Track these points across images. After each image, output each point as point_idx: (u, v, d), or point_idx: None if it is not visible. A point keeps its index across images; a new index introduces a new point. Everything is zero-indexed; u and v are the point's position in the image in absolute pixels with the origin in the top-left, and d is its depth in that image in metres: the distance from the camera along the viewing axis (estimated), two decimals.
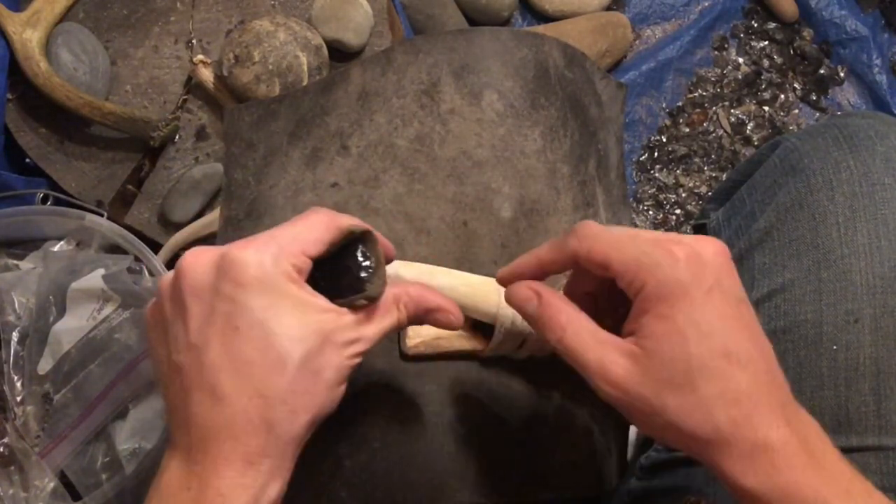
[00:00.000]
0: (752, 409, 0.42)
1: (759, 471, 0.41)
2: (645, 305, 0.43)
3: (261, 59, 0.90)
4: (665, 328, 0.42)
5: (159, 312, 0.46)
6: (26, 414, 0.80)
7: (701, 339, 0.42)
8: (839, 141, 0.61)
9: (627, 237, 0.44)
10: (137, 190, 0.97)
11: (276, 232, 0.46)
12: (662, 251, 0.43)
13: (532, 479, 0.61)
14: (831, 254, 0.57)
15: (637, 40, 1.31)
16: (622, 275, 0.44)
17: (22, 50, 0.90)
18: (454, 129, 0.66)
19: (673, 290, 0.42)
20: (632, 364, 0.43)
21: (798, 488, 0.41)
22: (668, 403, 0.42)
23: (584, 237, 0.45)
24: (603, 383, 0.43)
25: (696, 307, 0.42)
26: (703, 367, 0.41)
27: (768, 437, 0.41)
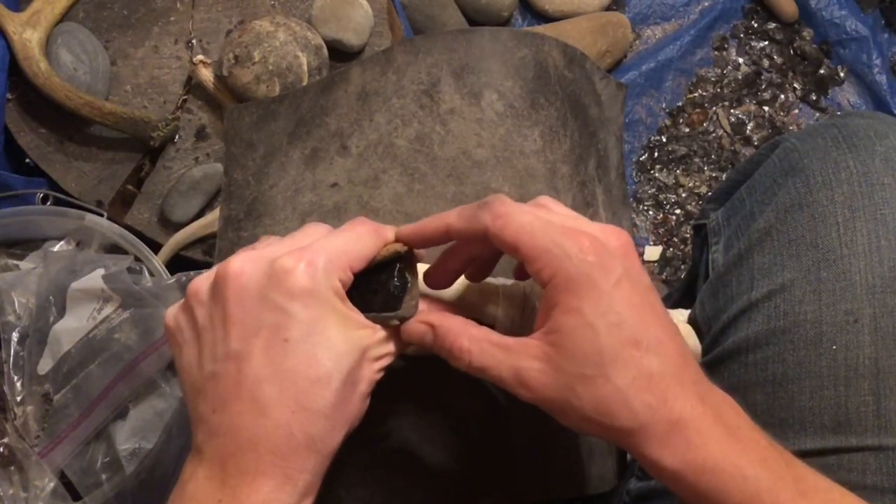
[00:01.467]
0: (665, 390, 0.42)
1: (677, 449, 0.42)
2: (554, 298, 0.43)
3: (261, 59, 0.90)
4: (574, 322, 0.42)
5: (190, 317, 0.45)
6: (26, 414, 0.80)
7: (610, 329, 0.42)
8: (839, 141, 0.61)
9: (540, 223, 0.44)
10: (137, 190, 0.97)
11: (325, 243, 0.45)
12: (571, 242, 0.43)
13: (532, 480, 0.61)
14: (831, 254, 0.57)
15: (637, 40, 1.31)
16: (531, 261, 0.43)
17: (22, 50, 0.90)
18: (454, 129, 0.66)
19: (581, 282, 0.42)
20: (545, 365, 0.43)
21: (715, 461, 0.42)
22: (584, 397, 0.42)
23: (498, 215, 0.44)
24: (522, 391, 0.44)
25: (605, 299, 0.42)
26: (615, 357, 0.42)
27: (682, 415, 0.42)
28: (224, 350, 0.43)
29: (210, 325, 0.44)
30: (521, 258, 0.44)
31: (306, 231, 0.48)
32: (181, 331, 0.46)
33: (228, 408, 0.42)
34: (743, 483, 0.42)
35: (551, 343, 0.43)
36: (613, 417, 0.42)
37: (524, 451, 0.61)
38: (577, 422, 0.43)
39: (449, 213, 0.47)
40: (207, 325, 0.44)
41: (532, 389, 0.43)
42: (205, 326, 0.44)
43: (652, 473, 0.44)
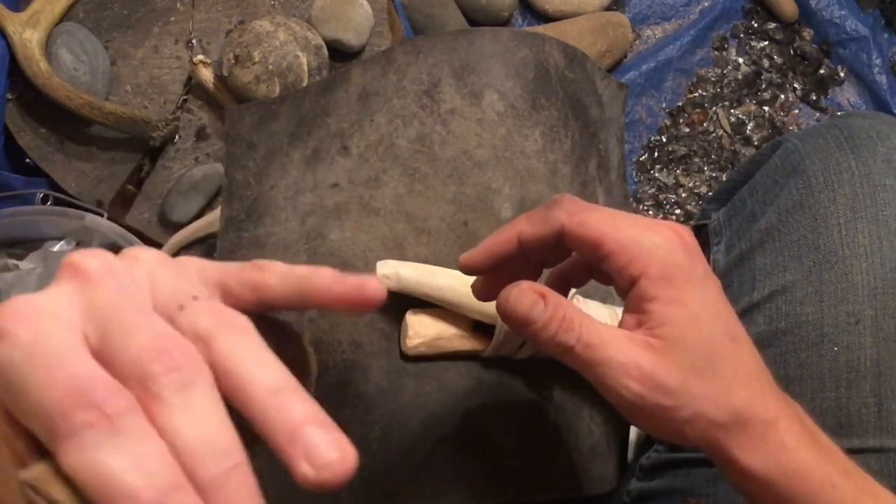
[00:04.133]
0: (763, 386, 0.42)
1: (771, 453, 0.41)
2: (652, 291, 0.41)
3: (261, 59, 0.90)
4: (680, 313, 0.40)
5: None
6: None
7: (712, 321, 0.41)
8: (840, 142, 0.61)
9: (619, 217, 0.42)
10: (137, 190, 0.96)
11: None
12: (657, 235, 0.41)
13: (532, 480, 0.61)
14: (832, 255, 0.57)
15: (637, 40, 1.31)
16: (617, 255, 0.41)
17: (22, 50, 0.90)
18: (455, 129, 0.66)
19: (678, 272, 0.41)
20: (654, 356, 0.40)
21: (806, 468, 0.41)
22: (694, 391, 0.40)
23: (574, 212, 0.42)
24: (630, 380, 0.40)
25: (700, 291, 0.41)
26: (719, 349, 0.41)
27: (777, 415, 0.41)
28: None
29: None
30: (602, 254, 0.41)
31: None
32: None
33: None
34: (832, 491, 0.41)
35: (658, 336, 0.40)
36: (717, 412, 0.40)
37: (524, 451, 0.61)
38: (680, 422, 0.41)
39: (516, 222, 0.44)
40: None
41: (643, 380, 0.40)
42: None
43: (738, 482, 0.42)
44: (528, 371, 0.62)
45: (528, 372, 0.62)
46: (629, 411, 0.41)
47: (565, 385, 0.63)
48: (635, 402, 0.40)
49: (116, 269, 0.29)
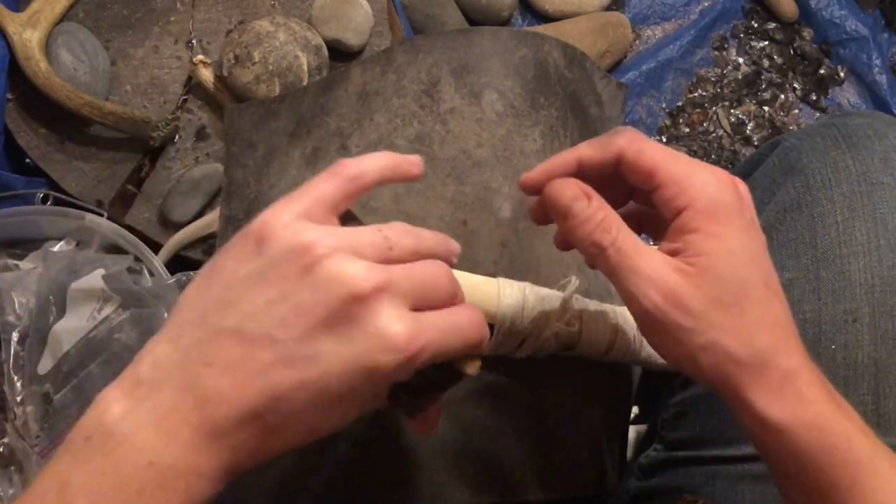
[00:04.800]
0: (786, 338, 0.42)
1: (789, 401, 0.41)
2: (694, 223, 0.42)
3: (261, 59, 0.90)
4: (718, 247, 0.41)
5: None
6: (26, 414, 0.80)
7: (749, 263, 0.42)
8: (838, 140, 0.61)
9: (676, 152, 0.43)
10: (137, 190, 0.97)
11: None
12: (710, 174, 0.43)
13: (532, 479, 0.61)
14: (830, 253, 0.57)
15: (637, 40, 1.31)
16: (668, 186, 0.42)
17: (22, 50, 0.90)
18: (454, 128, 0.66)
19: (724, 210, 0.42)
20: (682, 278, 0.41)
21: (823, 419, 0.41)
22: (715, 321, 0.41)
23: (633, 139, 0.44)
24: (653, 291, 0.41)
25: (744, 232, 0.42)
26: (751, 290, 0.42)
27: (798, 367, 0.42)
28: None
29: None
30: (655, 183, 0.43)
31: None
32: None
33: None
34: (848, 445, 0.41)
35: (692, 263, 0.41)
36: (737, 348, 0.41)
37: (523, 450, 0.61)
38: (694, 348, 0.42)
39: (577, 146, 0.45)
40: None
41: (666, 294, 0.41)
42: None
43: (751, 428, 0.43)
44: (527, 370, 0.62)
45: (526, 371, 0.62)
46: (646, 324, 0.42)
47: (564, 384, 0.63)
48: (654, 315, 0.41)
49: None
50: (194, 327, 0.38)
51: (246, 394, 0.37)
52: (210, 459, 0.37)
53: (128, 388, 0.38)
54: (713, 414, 0.61)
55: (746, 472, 0.58)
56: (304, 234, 0.38)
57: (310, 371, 0.36)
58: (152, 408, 0.37)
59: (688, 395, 0.64)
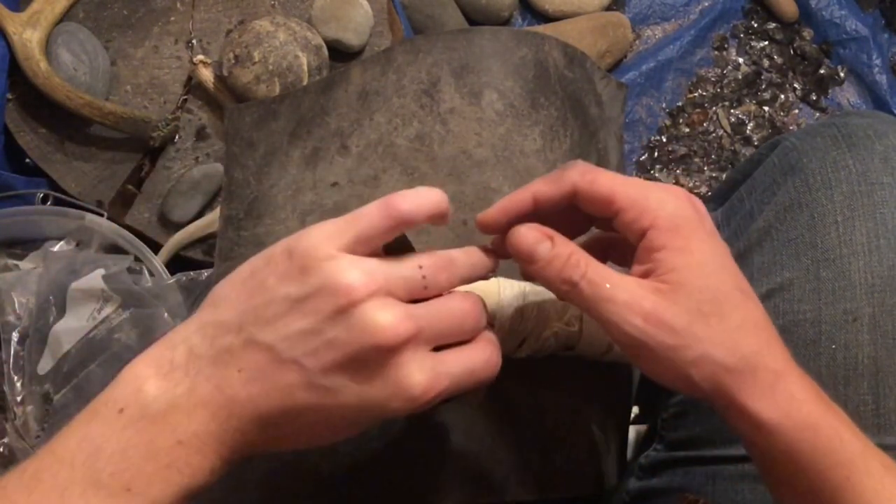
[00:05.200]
0: (770, 338, 0.43)
1: (781, 402, 0.41)
2: (660, 240, 0.42)
3: (261, 59, 0.90)
4: (687, 260, 0.42)
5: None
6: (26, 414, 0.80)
7: (720, 270, 0.42)
8: (838, 140, 0.61)
9: (626, 177, 0.44)
10: (137, 190, 0.97)
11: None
12: (666, 194, 0.43)
13: (531, 479, 0.61)
14: (830, 253, 0.57)
15: (637, 40, 1.31)
16: (627, 209, 0.43)
17: (22, 50, 0.90)
18: (454, 128, 0.66)
19: (686, 224, 0.42)
20: (660, 297, 0.41)
21: (815, 419, 0.41)
22: (700, 333, 0.41)
23: (586, 171, 0.44)
24: (633, 316, 0.41)
25: (708, 243, 0.43)
26: (727, 297, 0.42)
27: (785, 367, 0.42)
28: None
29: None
30: (614, 210, 0.43)
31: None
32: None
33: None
34: (840, 445, 0.41)
35: (665, 281, 0.42)
36: (725, 355, 0.41)
37: (524, 450, 0.61)
38: (684, 364, 0.42)
39: (531, 183, 0.46)
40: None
41: (648, 317, 0.41)
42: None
43: (746, 432, 0.43)
44: (526, 370, 0.62)
45: (526, 371, 0.61)
46: (633, 350, 0.42)
47: (564, 384, 0.63)
48: (640, 339, 0.41)
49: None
50: (231, 332, 0.41)
51: (268, 404, 0.40)
52: (231, 448, 0.41)
53: (163, 369, 0.41)
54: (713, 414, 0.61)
55: (746, 472, 0.58)
56: (346, 272, 0.39)
57: (328, 399, 0.40)
58: (186, 394, 0.40)
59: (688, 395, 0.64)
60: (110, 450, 0.39)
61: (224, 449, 0.41)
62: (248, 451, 0.42)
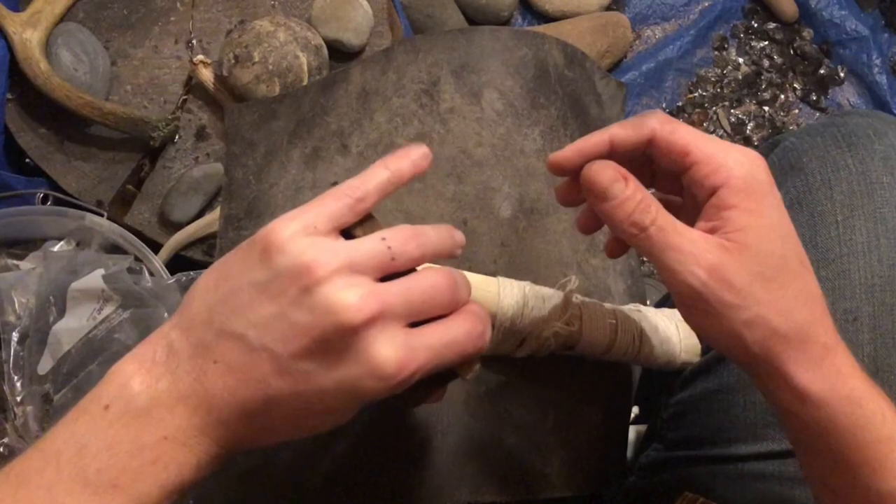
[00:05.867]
0: (823, 312, 0.43)
1: (828, 375, 0.41)
2: (731, 199, 0.42)
3: (261, 59, 0.90)
4: (757, 222, 0.42)
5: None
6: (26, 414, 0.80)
7: (786, 238, 0.42)
8: (838, 140, 0.61)
9: (704, 133, 0.44)
10: (137, 190, 0.97)
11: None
12: (742, 154, 0.43)
13: (532, 479, 0.61)
14: (830, 252, 0.57)
15: (637, 40, 1.31)
16: (703, 164, 0.43)
17: (22, 50, 0.90)
18: (454, 128, 0.66)
19: (759, 187, 0.42)
20: (725, 254, 0.41)
21: (860, 395, 0.41)
22: (759, 296, 0.41)
23: (666, 120, 0.44)
24: (697, 268, 0.41)
25: (779, 209, 0.43)
26: (789, 265, 0.42)
27: (835, 342, 0.42)
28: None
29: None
30: (689, 162, 0.43)
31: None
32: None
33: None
34: (882, 421, 0.41)
35: (732, 239, 0.42)
36: (781, 322, 0.41)
37: (523, 449, 0.61)
38: (738, 323, 0.42)
39: (609, 127, 0.45)
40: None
41: (710, 269, 0.41)
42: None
43: (789, 403, 0.43)
44: (526, 370, 0.62)
45: (526, 371, 0.62)
46: (689, 302, 0.42)
47: (564, 384, 0.63)
48: (699, 292, 0.41)
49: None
50: (203, 324, 0.41)
51: (245, 394, 0.40)
52: (216, 442, 0.41)
53: (146, 365, 0.41)
54: (713, 414, 0.61)
55: (746, 472, 0.58)
56: (307, 251, 0.39)
57: (302, 385, 0.39)
58: (167, 389, 0.40)
59: (688, 395, 0.64)
60: (96, 446, 0.39)
61: (209, 443, 0.41)
62: (235, 444, 0.42)
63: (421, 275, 0.42)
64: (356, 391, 0.39)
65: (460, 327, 0.42)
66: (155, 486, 0.40)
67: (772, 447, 0.57)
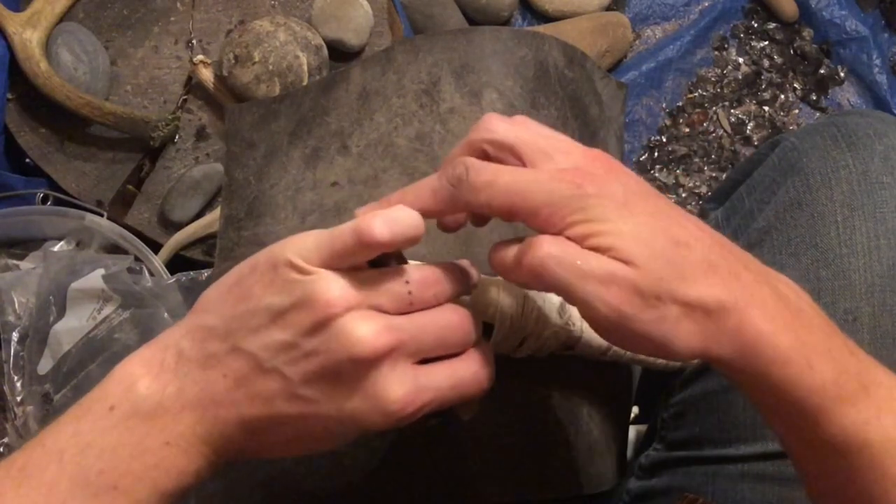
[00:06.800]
0: (721, 278, 0.40)
1: (747, 341, 0.40)
2: (579, 231, 0.40)
3: (261, 59, 0.90)
4: (623, 237, 0.39)
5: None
6: (26, 414, 0.80)
7: (653, 235, 0.40)
8: (838, 139, 0.61)
9: (524, 178, 0.41)
10: (137, 190, 0.97)
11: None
12: (561, 182, 0.40)
13: (531, 479, 0.61)
14: (830, 253, 0.57)
15: (637, 40, 1.31)
16: (534, 217, 0.41)
17: (22, 50, 0.90)
18: (454, 128, 0.66)
19: (596, 212, 0.40)
20: (625, 270, 0.39)
21: (783, 353, 0.40)
22: (674, 295, 0.39)
23: (478, 188, 0.41)
24: (615, 289, 0.39)
25: (624, 217, 0.40)
26: (670, 255, 0.40)
27: (748, 302, 0.40)
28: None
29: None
30: (520, 219, 0.41)
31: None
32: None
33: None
34: (810, 374, 0.40)
35: (616, 258, 0.39)
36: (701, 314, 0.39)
37: (523, 449, 0.61)
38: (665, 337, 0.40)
39: (419, 194, 0.43)
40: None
41: (632, 288, 0.39)
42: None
43: (723, 372, 0.42)
44: (526, 370, 0.62)
45: (526, 371, 0.61)
46: (615, 327, 0.40)
47: (564, 384, 0.63)
48: (623, 313, 0.39)
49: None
50: (217, 338, 0.41)
51: (250, 410, 0.41)
52: (216, 452, 0.41)
53: (154, 370, 0.41)
54: (713, 414, 0.61)
55: (746, 472, 0.58)
56: (324, 289, 0.39)
57: (308, 410, 0.40)
58: (174, 395, 0.41)
59: (688, 394, 0.64)
60: (99, 447, 0.40)
61: (210, 452, 0.41)
62: (234, 455, 0.42)
63: (437, 313, 0.42)
64: (359, 423, 0.40)
65: (468, 369, 0.42)
66: (154, 490, 0.40)
67: (772, 447, 0.57)
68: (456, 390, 0.42)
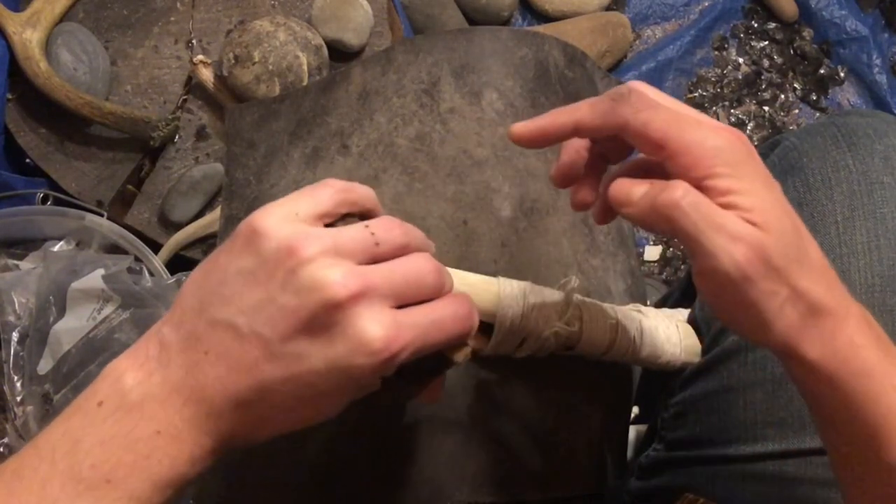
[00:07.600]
0: (829, 284, 0.41)
1: (839, 350, 0.41)
2: (723, 185, 0.40)
3: (261, 59, 0.90)
4: (762, 203, 0.40)
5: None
6: (26, 414, 0.80)
7: (789, 211, 0.41)
8: (838, 140, 0.61)
9: (683, 117, 0.41)
10: (137, 190, 0.97)
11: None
12: (719, 137, 0.41)
13: (531, 479, 0.61)
14: (830, 253, 0.57)
15: (637, 40, 1.31)
16: (682, 155, 0.40)
17: (22, 50, 0.90)
18: (454, 128, 0.66)
19: (744, 169, 0.40)
20: (760, 233, 0.39)
21: (871, 367, 0.41)
22: (791, 279, 0.40)
23: (640, 109, 0.42)
24: (738, 248, 0.39)
25: (767, 184, 0.41)
26: (802, 240, 0.41)
27: (848, 313, 0.41)
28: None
29: None
30: (665, 155, 0.41)
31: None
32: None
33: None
34: (892, 394, 0.40)
35: (752, 221, 0.39)
36: (805, 307, 0.40)
37: (524, 450, 0.61)
38: (768, 316, 0.40)
39: (578, 107, 0.44)
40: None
41: (762, 252, 0.39)
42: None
43: (803, 377, 0.42)
44: (526, 370, 0.62)
45: (526, 371, 0.62)
46: (727, 283, 0.40)
47: (564, 384, 0.63)
48: (743, 273, 0.39)
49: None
50: (194, 316, 0.41)
51: (236, 383, 0.40)
52: (209, 435, 0.41)
53: (139, 361, 0.41)
54: (713, 414, 0.61)
55: (746, 472, 0.58)
56: (291, 235, 0.40)
57: (294, 368, 0.40)
58: (160, 383, 0.41)
59: (688, 395, 0.64)
60: (90, 442, 0.39)
61: (202, 436, 0.41)
62: (228, 437, 0.42)
63: (406, 258, 0.42)
64: (346, 370, 0.39)
65: (446, 308, 0.42)
66: (148, 481, 0.40)
67: (772, 447, 0.57)
68: (438, 327, 0.42)
